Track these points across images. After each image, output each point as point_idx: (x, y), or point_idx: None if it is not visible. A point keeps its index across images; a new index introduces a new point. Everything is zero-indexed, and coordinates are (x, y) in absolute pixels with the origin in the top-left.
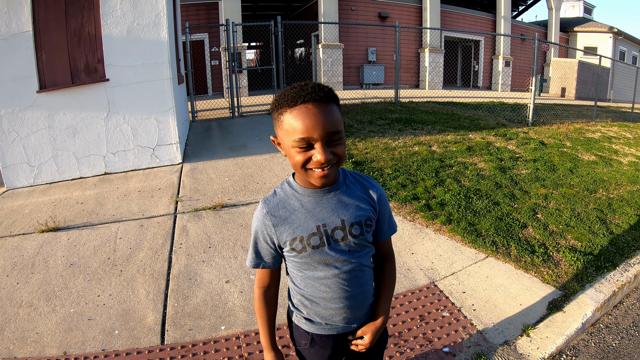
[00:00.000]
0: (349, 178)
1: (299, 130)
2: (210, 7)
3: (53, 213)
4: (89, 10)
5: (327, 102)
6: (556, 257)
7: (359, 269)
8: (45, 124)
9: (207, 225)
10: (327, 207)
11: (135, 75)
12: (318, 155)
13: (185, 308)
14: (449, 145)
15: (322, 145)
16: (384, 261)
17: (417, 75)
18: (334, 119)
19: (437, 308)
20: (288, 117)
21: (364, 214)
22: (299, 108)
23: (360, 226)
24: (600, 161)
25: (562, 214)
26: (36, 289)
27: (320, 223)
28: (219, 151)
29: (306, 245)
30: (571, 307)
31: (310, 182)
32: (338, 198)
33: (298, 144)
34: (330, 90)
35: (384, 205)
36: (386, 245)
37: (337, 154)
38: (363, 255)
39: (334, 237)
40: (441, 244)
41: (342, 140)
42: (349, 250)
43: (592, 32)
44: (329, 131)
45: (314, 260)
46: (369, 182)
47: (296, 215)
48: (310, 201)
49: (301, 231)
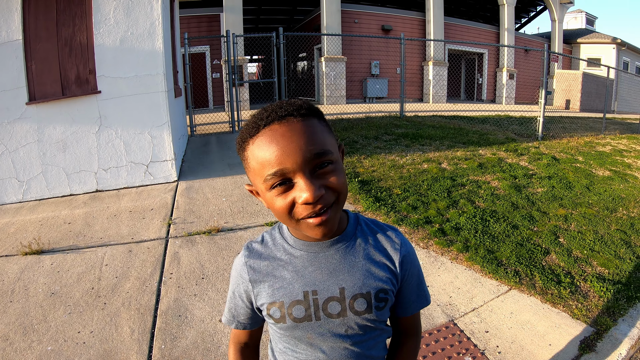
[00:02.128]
0: (361, 227)
1: (267, 163)
2: (211, 18)
3: (39, 233)
4: (81, 19)
5: (303, 116)
6: (584, 288)
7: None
8: (34, 137)
9: (200, 252)
10: (324, 267)
11: (129, 88)
12: (303, 194)
13: (173, 351)
14: (459, 162)
15: (305, 176)
16: (403, 337)
17: (420, 89)
18: (316, 137)
19: (458, 351)
20: (252, 150)
21: (375, 282)
22: (263, 133)
23: (368, 300)
24: (615, 177)
25: (585, 237)
26: (14, 320)
27: (309, 289)
28: (217, 168)
29: (286, 315)
30: (604, 346)
31: (307, 235)
32: (341, 256)
33: (271, 182)
34: (307, 103)
35: (412, 268)
36: (411, 321)
37: (333, 188)
38: (368, 341)
39: (326, 310)
40: (459, 274)
41: (336, 167)
42: (347, 331)
43: (595, 43)
44: (311, 154)
45: (294, 336)
46: (389, 237)
47: (280, 273)
48: (302, 257)
49: (282, 295)
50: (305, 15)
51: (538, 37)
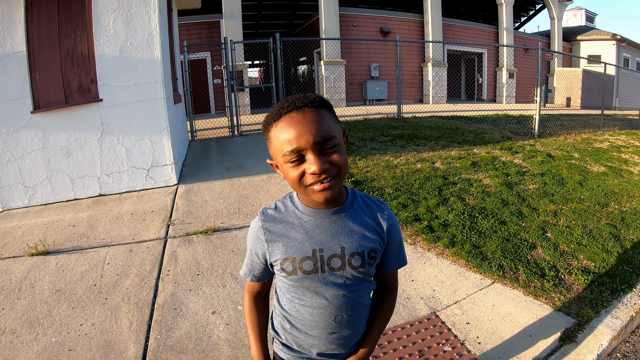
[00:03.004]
0: (357, 200)
1: (286, 141)
2: (211, 25)
3: (44, 236)
4: (82, 30)
5: (315, 107)
6: (568, 281)
7: (352, 305)
8: (39, 144)
9: (197, 250)
10: (328, 230)
11: (129, 95)
12: (312, 166)
13: (167, 341)
14: (453, 161)
15: (315, 153)
16: (383, 292)
17: (420, 90)
18: (324, 124)
19: (438, 342)
20: (275, 132)
21: (368, 244)
22: (284, 119)
23: (362, 257)
24: (610, 172)
25: (573, 232)
26: (20, 315)
27: (317, 247)
28: (215, 172)
29: (297, 268)
30: (586, 337)
31: (313, 200)
32: (342, 222)
33: (289, 157)
34: (318, 97)
35: (395, 235)
36: (390, 278)
37: (335, 163)
38: (360, 291)
39: (330, 265)
40: (444, 269)
41: (339, 148)
42: (345, 282)
43: (595, 40)
44: (320, 137)
45: (303, 285)
46: (379, 208)
47: (292, 234)
48: (311, 221)
49: (294, 252)
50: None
51: (537, 36)
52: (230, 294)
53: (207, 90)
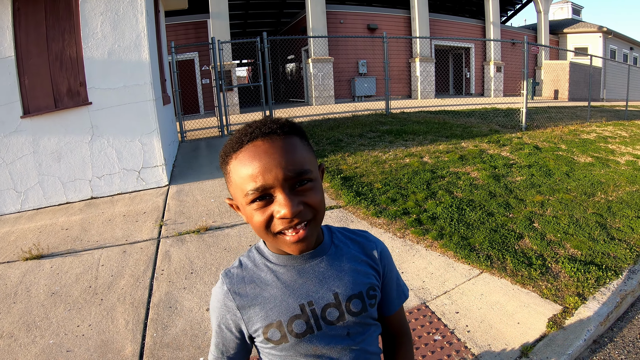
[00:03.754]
0: (337, 237)
1: (249, 177)
2: (198, 25)
3: (38, 240)
4: (70, 34)
5: (285, 134)
6: (555, 269)
7: (364, 358)
8: (30, 149)
9: (190, 249)
10: (313, 277)
11: (118, 98)
12: (281, 209)
13: (164, 338)
14: (441, 155)
15: (285, 192)
16: (396, 340)
17: (409, 86)
18: (296, 155)
19: (428, 331)
20: (235, 165)
21: (365, 281)
22: (246, 149)
23: (362, 299)
24: (597, 162)
25: (559, 222)
26: (17, 319)
27: (304, 301)
28: (206, 171)
29: (287, 334)
30: (573, 322)
31: (283, 250)
32: (327, 263)
33: (252, 197)
34: (288, 122)
35: (389, 263)
36: (397, 318)
37: (310, 205)
38: (367, 339)
39: (326, 318)
40: (433, 260)
41: (315, 185)
42: (348, 334)
43: (582, 32)
44: (292, 171)
45: (299, 352)
46: (363, 237)
47: (270, 292)
48: (288, 271)
49: (278, 314)
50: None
51: (524, 29)
52: None
53: (195, 91)
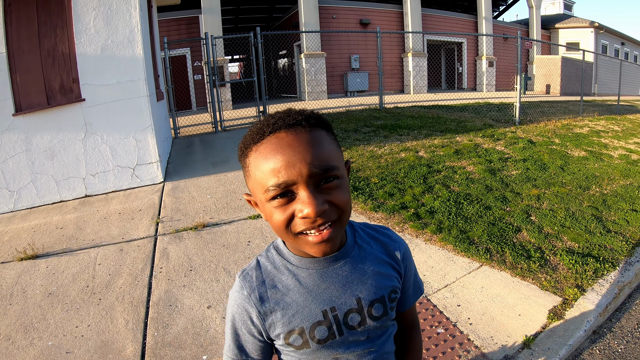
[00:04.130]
0: (359, 235)
1: (270, 172)
2: (190, 21)
3: (32, 240)
4: (62, 30)
5: (311, 126)
6: (553, 261)
7: (381, 359)
8: (22, 147)
9: (188, 246)
10: (336, 282)
11: (112, 94)
12: (304, 208)
13: (165, 337)
14: (436, 149)
15: (309, 190)
16: (407, 332)
17: (401, 80)
18: (323, 150)
19: (431, 324)
20: (255, 158)
21: (387, 284)
22: (268, 140)
23: (383, 304)
24: (590, 156)
25: (556, 215)
26: (14, 321)
27: (327, 307)
28: (201, 167)
29: (309, 340)
30: (573, 314)
31: (304, 251)
32: (350, 266)
33: (273, 194)
34: (315, 113)
35: (409, 263)
36: (411, 314)
37: (336, 204)
38: (385, 340)
39: (347, 324)
40: (432, 254)
41: (341, 183)
42: (368, 337)
43: (574, 27)
44: (317, 167)
45: (320, 357)
46: (386, 236)
47: (291, 298)
48: (311, 275)
49: (300, 320)
50: (283, 13)
51: (516, 24)
52: (224, 287)
53: (188, 87)
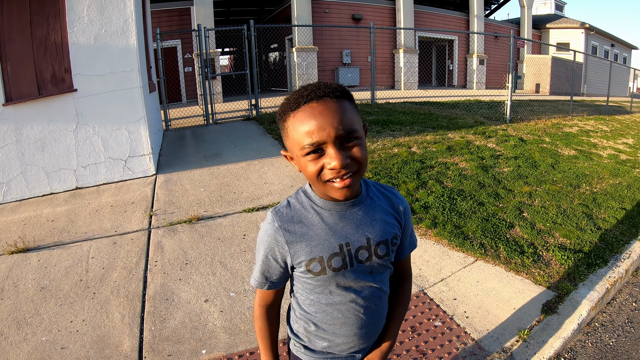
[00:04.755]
0: (371, 189)
1: (305, 134)
2: (182, 12)
3: (23, 232)
4: (54, 18)
5: (337, 98)
6: (546, 257)
7: (378, 294)
8: (12, 138)
9: (183, 240)
10: (351, 222)
11: (104, 85)
12: (332, 161)
13: (163, 332)
14: (429, 145)
15: (335, 147)
16: (400, 280)
17: (392, 76)
18: (346, 116)
19: (428, 318)
20: (292, 122)
21: (391, 230)
22: (303, 109)
23: (387, 245)
24: (580, 155)
25: (548, 212)
26: (6, 316)
27: (343, 242)
28: (193, 160)
29: (326, 267)
30: (566, 308)
31: (330, 195)
32: (363, 212)
33: (308, 150)
34: (341, 87)
35: (408, 218)
36: (406, 263)
37: (356, 159)
38: (384, 279)
39: (357, 258)
40: (428, 249)
41: (360, 143)
42: (371, 272)
43: (564, 28)
44: (342, 130)
45: (332, 283)
46: (393, 194)
47: (315, 232)
48: (332, 215)
49: (321, 250)
50: (276, 6)
51: (508, 23)
52: (221, 281)
53: (178, 79)
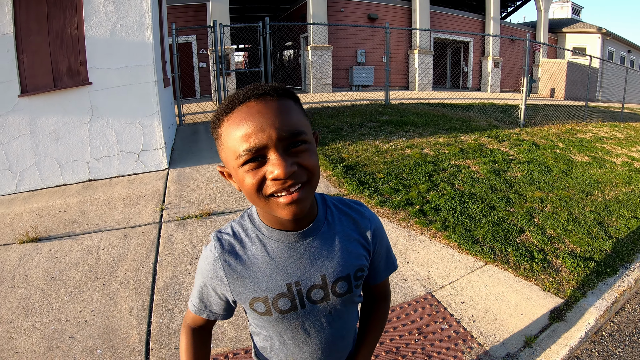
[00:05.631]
0: (331, 211)
1: (241, 138)
2: (198, 8)
3: (35, 222)
4: (71, 11)
5: (279, 96)
6: (556, 263)
7: (340, 333)
8: (27, 129)
9: (193, 234)
10: (304, 256)
11: (119, 78)
12: (275, 169)
13: (170, 324)
14: (442, 147)
15: (278, 152)
16: (375, 303)
17: (406, 77)
18: (291, 116)
19: (435, 320)
20: (226, 127)
21: (354, 262)
22: (239, 110)
23: (348, 282)
24: (593, 162)
25: (559, 218)
26: (16, 304)
27: (292, 280)
28: (206, 155)
29: (271, 309)
30: (573, 315)
31: (276, 217)
32: (319, 243)
33: (245, 158)
34: (282, 85)
35: (381, 240)
36: (382, 287)
37: (305, 167)
38: (349, 314)
39: (310, 298)
40: (437, 251)
41: (309, 147)
42: (330, 312)
43: (581, 32)
44: (286, 131)
45: (281, 325)
46: (357, 213)
47: (258, 267)
48: (279, 248)
49: (264, 290)
50: (291, 4)
51: (524, 26)
52: None
53: (192, 74)
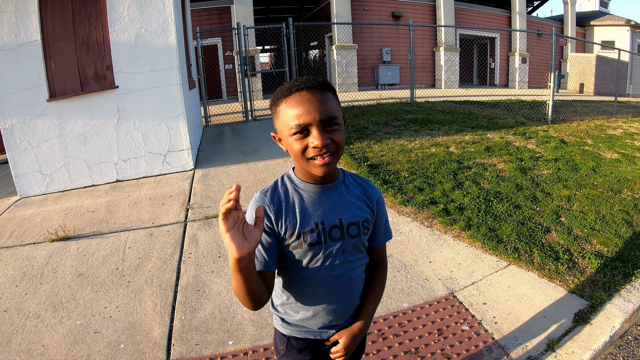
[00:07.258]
0: (348, 178)
1: (294, 116)
2: (222, 11)
3: (64, 222)
4: (96, 18)
5: (322, 89)
6: (582, 264)
7: (348, 274)
8: (56, 132)
9: (217, 233)
10: (327, 204)
11: (145, 82)
12: (315, 140)
13: (192, 321)
14: (467, 145)
15: (319, 129)
16: (375, 267)
17: (432, 75)
18: (329, 105)
19: (456, 321)
20: (284, 107)
21: (362, 214)
22: (294, 96)
23: (358, 227)
24: (623, 159)
25: (586, 217)
26: (44, 300)
27: (318, 220)
28: (231, 156)
29: (303, 242)
30: (598, 318)
31: (311, 173)
32: (338, 196)
33: (295, 130)
34: (325, 81)
35: (382, 208)
36: (380, 252)
37: (335, 141)
38: (356, 261)
39: (331, 235)
40: (460, 251)
41: (340, 129)
42: (344, 251)
43: (609, 25)
44: (325, 116)
45: (307, 257)
46: (368, 184)
47: (295, 210)
48: (310, 196)
49: (299, 227)
50: (315, 4)
51: (551, 20)
52: None
53: (218, 76)
